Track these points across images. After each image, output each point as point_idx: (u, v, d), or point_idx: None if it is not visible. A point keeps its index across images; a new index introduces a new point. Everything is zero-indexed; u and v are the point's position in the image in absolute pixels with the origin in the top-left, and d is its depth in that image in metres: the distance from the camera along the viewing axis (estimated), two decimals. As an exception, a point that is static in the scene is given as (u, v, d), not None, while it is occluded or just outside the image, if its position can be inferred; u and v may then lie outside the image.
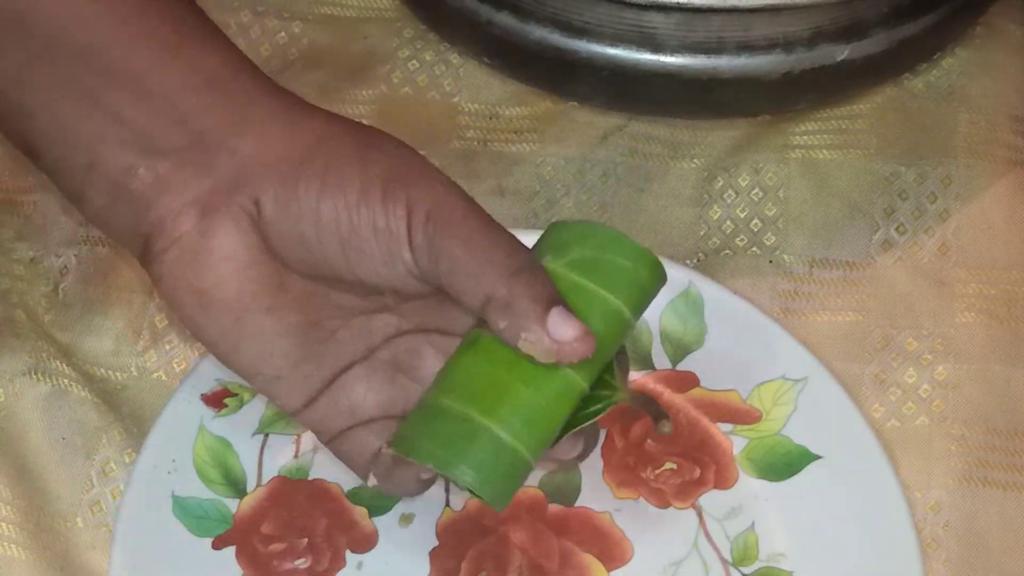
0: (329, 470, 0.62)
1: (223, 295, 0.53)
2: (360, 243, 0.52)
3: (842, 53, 0.67)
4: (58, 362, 0.65)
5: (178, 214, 0.53)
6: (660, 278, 0.55)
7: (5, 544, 0.60)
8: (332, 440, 0.57)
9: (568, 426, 0.54)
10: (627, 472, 0.62)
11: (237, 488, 0.62)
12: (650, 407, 0.63)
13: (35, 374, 0.65)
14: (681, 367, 0.65)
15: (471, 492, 0.53)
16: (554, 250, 0.54)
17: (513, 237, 0.53)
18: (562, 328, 0.51)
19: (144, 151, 0.53)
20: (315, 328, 0.55)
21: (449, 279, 0.52)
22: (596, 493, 0.62)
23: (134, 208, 0.53)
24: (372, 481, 0.57)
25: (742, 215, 0.69)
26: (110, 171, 0.53)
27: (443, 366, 0.55)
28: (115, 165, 0.53)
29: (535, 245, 0.55)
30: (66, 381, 0.65)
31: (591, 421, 0.55)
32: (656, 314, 0.65)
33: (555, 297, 0.52)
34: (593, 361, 0.53)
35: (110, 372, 0.66)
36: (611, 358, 0.55)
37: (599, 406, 0.55)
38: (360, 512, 0.61)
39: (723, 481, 0.62)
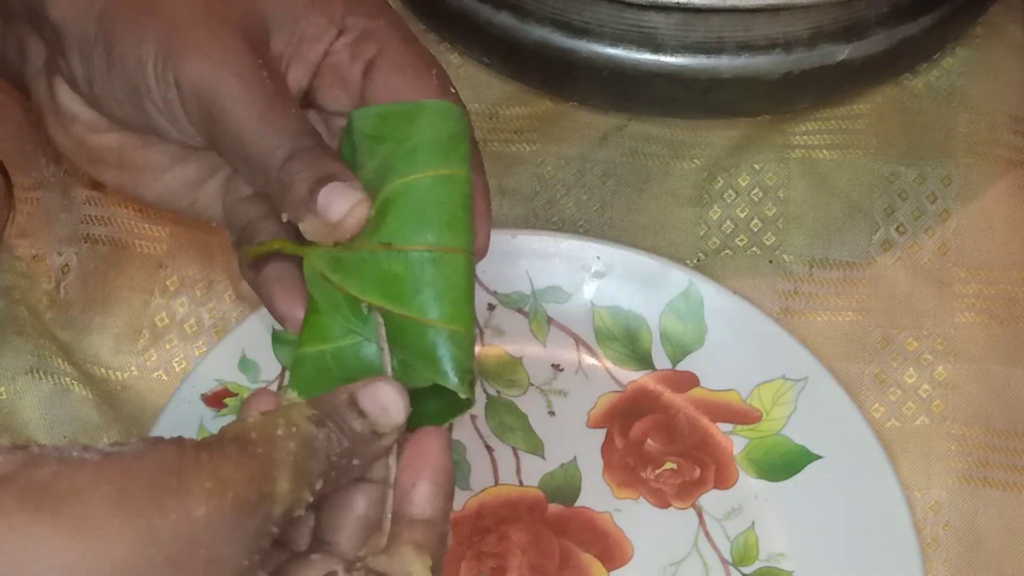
0: (329, 470, 0.62)
1: (96, 145, 0.55)
2: (147, 106, 0.52)
3: (842, 53, 0.67)
4: (59, 360, 0.65)
5: (34, 80, 0.55)
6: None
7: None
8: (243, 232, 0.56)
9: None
10: (627, 472, 0.62)
11: (237, 488, 0.62)
12: None
13: (37, 372, 0.65)
14: (681, 367, 0.65)
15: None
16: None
17: (293, 115, 0.51)
18: (331, 209, 0.49)
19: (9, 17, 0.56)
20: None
21: (228, 160, 0.51)
22: (596, 493, 0.62)
23: (17, 77, 0.57)
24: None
25: (742, 215, 0.69)
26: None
27: None
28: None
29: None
30: (67, 380, 0.65)
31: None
32: (656, 314, 0.65)
33: (326, 173, 0.50)
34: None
35: (110, 372, 0.66)
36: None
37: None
38: (360, 512, 0.61)
39: (723, 481, 0.62)
